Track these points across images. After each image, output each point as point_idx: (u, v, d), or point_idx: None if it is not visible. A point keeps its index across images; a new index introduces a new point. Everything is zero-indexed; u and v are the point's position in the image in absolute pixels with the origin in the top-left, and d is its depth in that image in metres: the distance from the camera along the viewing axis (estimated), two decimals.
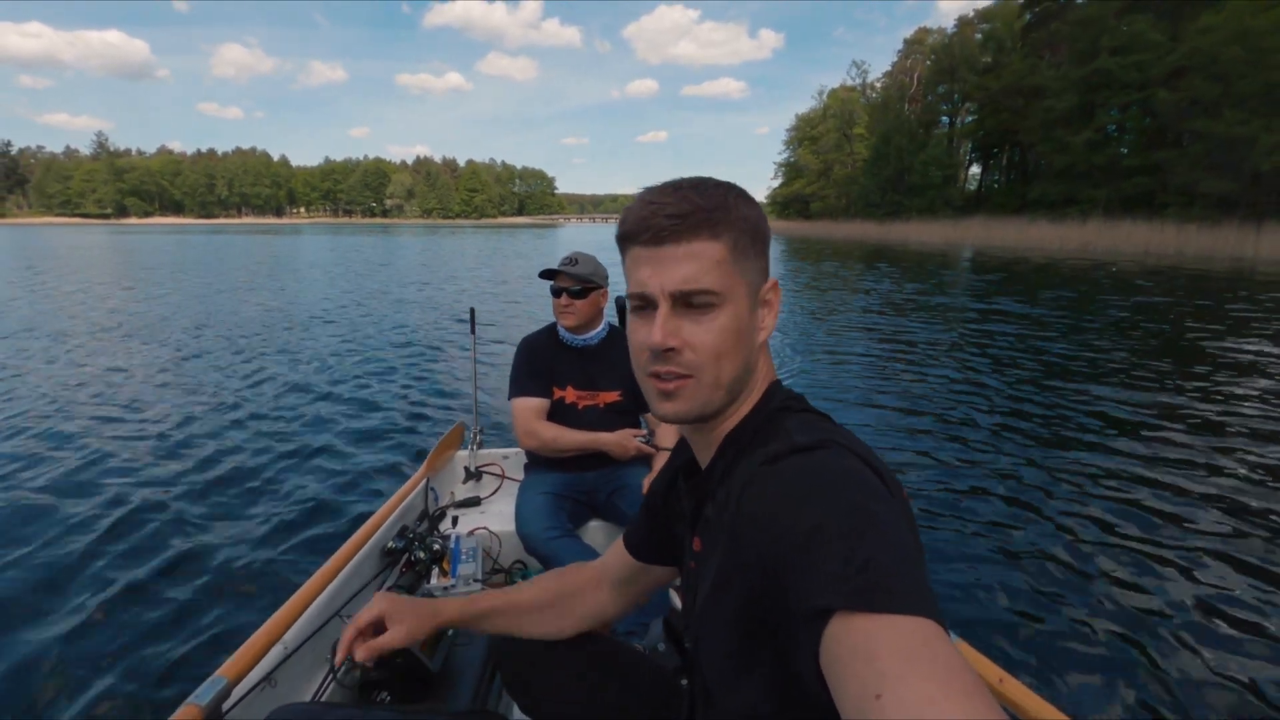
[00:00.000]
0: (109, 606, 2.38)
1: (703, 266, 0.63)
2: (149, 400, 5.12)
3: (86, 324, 8.80)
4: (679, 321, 0.64)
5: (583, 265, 1.96)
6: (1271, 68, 23.72)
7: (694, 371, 0.65)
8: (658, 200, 0.64)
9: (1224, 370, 6.32)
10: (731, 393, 0.67)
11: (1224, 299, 11.77)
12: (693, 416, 0.67)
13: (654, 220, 0.63)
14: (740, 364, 0.67)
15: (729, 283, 0.64)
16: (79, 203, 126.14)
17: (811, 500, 0.52)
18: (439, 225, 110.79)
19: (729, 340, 0.65)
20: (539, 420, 2.00)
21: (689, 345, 0.64)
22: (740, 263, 0.65)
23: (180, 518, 3.07)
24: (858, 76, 60.73)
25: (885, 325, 9.30)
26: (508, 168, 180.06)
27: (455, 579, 1.75)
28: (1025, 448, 4.19)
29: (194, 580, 2.57)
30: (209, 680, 1.08)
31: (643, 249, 0.65)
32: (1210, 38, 25.47)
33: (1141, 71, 29.49)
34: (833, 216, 55.64)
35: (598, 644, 1.02)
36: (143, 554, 2.75)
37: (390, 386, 5.68)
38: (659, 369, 0.66)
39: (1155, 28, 29.46)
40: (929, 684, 0.39)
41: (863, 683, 0.41)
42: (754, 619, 0.59)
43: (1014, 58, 40.11)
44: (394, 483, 3.38)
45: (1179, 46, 27.39)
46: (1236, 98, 24.99)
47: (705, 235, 0.63)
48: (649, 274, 0.65)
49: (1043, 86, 35.18)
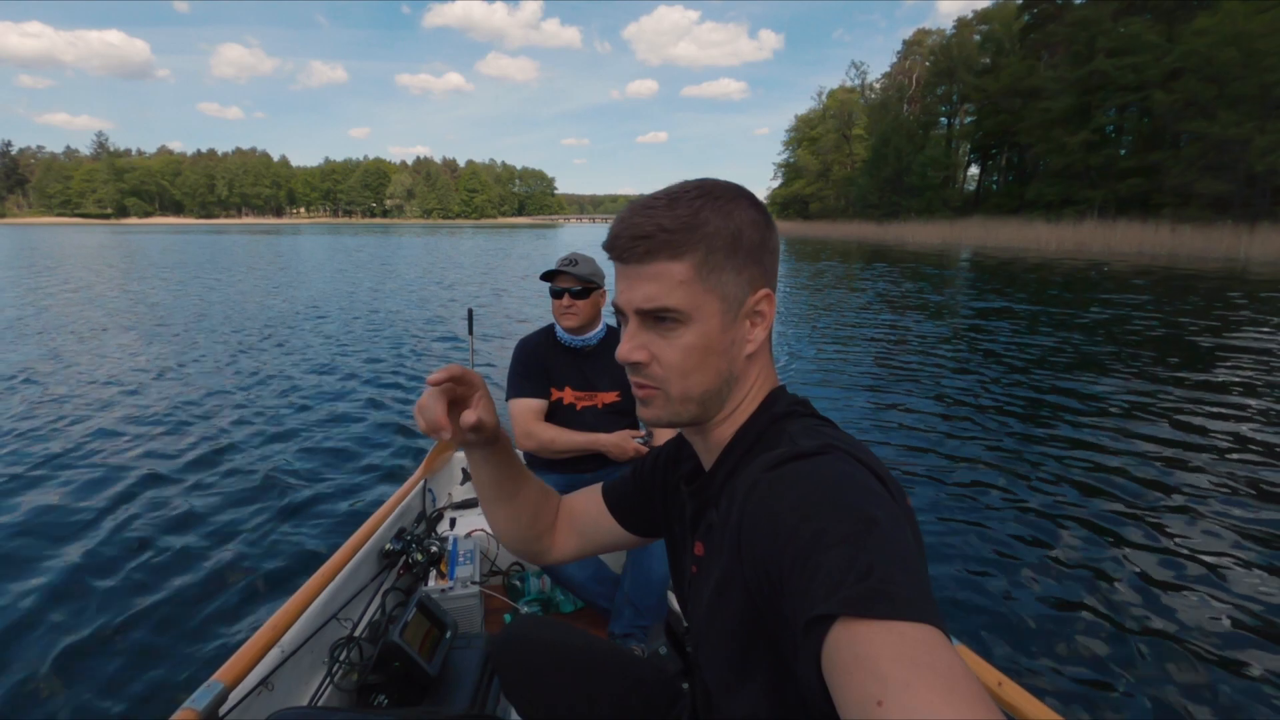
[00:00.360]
0: (104, 611, 2.35)
1: (664, 287, 0.64)
2: (144, 402, 5.10)
3: (87, 324, 8.81)
4: (648, 335, 0.66)
5: (583, 265, 1.97)
6: (1265, 69, 23.94)
7: (660, 384, 0.67)
8: (628, 218, 0.65)
9: (1222, 367, 6.43)
10: (705, 404, 0.68)
11: (1215, 298, 11.91)
12: (664, 423, 0.70)
13: (620, 240, 0.65)
14: (709, 380, 0.67)
15: (695, 301, 0.64)
16: (79, 203, 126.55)
17: (813, 506, 0.52)
18: (439, 225, 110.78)
19: (695, 357, 0.65)
20: (537, 421, 2.00)
21: (656, 359, 0.66)
22: (710, 279, 0.64)
23: (174, 521, 3.06)
24: (857, 78, 60.99)
25: (877, 324, 9.45)
26: (508, 168, 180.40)
27: (453, 581, 1.73)
28: (1021, 447, 4.23)
29: (189, 583, 2.54)
30: (205, 685, 1.07)
31: (616, 264, 0.68)
32: (1205, 40, 25.68)
33: (1138, 73, 29.70)
34: (831, 217, 55.83)
35: (598, 647, 1.03)
36: (136, 556, 2.74)
37: (387, 388, 5.69)
38: (632, 378, 0.69)
39: (1152, 29, 29.71)
40: (931, 691, 0.39)
41: (864, 690, 0.41)
42: (756, 624, 0.59)
43: (1012, 59, 40.35)
44: (391, 485, 3.38)
45: (1175, 48, 27.60)
46: (1231, 99, 25.22)
47: (665, 257, 0.63)
48: (620, 289, 0.68)
49: (1040, 88, 35.41)
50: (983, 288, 14.67)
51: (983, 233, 33.68)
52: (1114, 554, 2.88)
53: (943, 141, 48.32)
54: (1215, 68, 25.37)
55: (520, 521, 0.93)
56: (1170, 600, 2.52)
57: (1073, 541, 3.00)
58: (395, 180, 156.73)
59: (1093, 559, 2.84)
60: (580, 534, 0.97)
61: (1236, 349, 7.33)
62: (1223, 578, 2.67)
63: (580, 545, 0.98)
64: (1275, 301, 11.47)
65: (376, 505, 1.95)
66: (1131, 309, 10.57)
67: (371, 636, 1.50)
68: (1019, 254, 25.46)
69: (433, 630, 1.49)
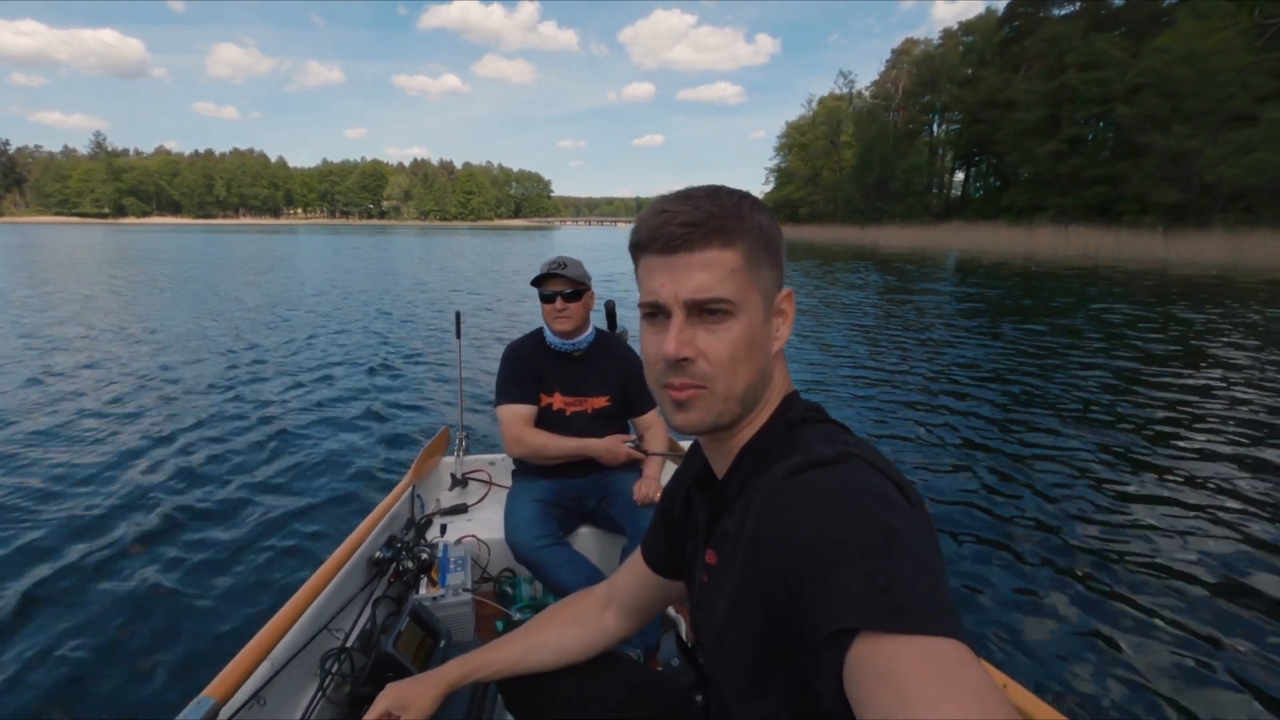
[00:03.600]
0: (89, 627, 2.30)
1: (717, 275, 0.62)
2: (125, 411, 4.95)
3: (79, 327, 8.61)
4: (693, 331, 0.64)
5: (572, 268, 1.95)
6: (1216, 86, 25.64)
7: (707, 382, 0.65)
8: (671, 208, 0.63)
9: (1211, 370, 6.72)
10: (745, 404, 0.67)
11: (1172, 300, 12.79)
12: (706, 427, 0.67)
13: (667, 229, 0.63)
14: (754, 374, 0.66)
15: (743, 292, 0.63)
16: (76, 202, 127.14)
17: (833, 516, 0.51)
18: (436, 227, 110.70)
19: (743, 350, 0.64)
20: (527, 427, 1.98)
21: (703, 355, 0.64)
22: (754, 271, 0.64)
23: (159, 534, 3.00)
24: (845, 86, 62.65)
25: (847, 325, 9.89)
26: (504, 171, 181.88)
27: (445, 588, 1.71)
28: (1022, 446, 4.36)
29: (177, 597, 2.48)
30: (195, 701, 1.05)
31: (656, 258, 0.65)
32: (1163, 58, 27.33)
33: (1103, 87, 31.38)
34: (821, 221, 57.46)
35: (608, 662, 1.00)
36: (120, 571, 2.68)
37: (375, 392, 5.59)
38: (673, 379, 0.65)
39: (1120, 46, 31.39)
40: (955, 709, 0.38)
41: (887, 707, 0.40)
42: (774, 636, 0.58)
43: (990, 71, 42.04)
44: (380, 491, 3.31)
45: (1137, 65, 29.25)
46: (1185, 114, 26.86)
47: (719, 243, 0.62)
48: (662, 283, 0.64)
49: (1015, 99, 37.07)
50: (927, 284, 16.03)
51: (953, 237, 35.49)
52: (1116, 554, 2.88)
53: (925, 149, 49.90)
54: (1171, 84, 27.02)
55: (549, 662, 0.95)
56: (1174, 602, 2.53)
57: (1072, 541, 3.02)
58: (393, 182, 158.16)
59: (1095, 559, 2.85)
60: (633, 606, 0.97)
61: (1220, 353, 7.54)
62: (1221, 576, 2.69)
63: (638, 615, 0.98)
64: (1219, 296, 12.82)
65: (365, 513, 1.92)
66: (1081, 308, 11.76)
67: (363, 647, 1.49)
68: (975, 256, 27.28)
69: (426, 640, 1.49)
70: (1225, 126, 25.86)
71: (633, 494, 1.89)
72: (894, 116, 53.71)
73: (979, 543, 3.02)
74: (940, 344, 8.15)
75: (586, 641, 0.97)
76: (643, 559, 0.94)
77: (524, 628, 0.99)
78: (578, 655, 0.96)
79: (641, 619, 0.99)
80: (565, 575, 1.73)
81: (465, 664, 0.95)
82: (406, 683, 0.93)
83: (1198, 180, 26.45)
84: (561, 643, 0.96)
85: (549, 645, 0.96)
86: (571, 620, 0.99)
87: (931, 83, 49.47)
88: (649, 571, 0.93)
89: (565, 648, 0.96)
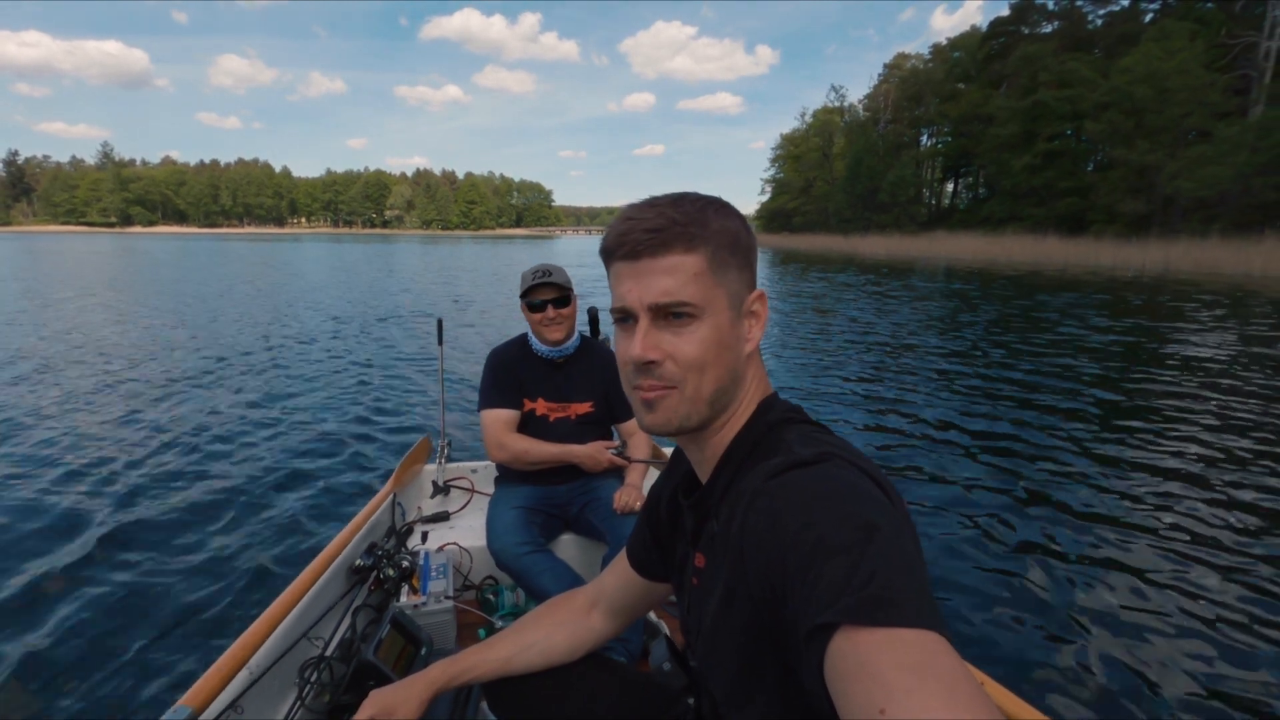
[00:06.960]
0: (64, 636, 2.26)
1: (680, 280, 0.64)
2: (104, 418, 4.95)
3: (54, 338, 8.47)
4: (660, 334, 0.66)
5: (557, 274, 1.95)
6: (1175, 104, 27.38)
7: (675, 383, 0.66)
8: (636, 216, 0.66)
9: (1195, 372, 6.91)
10: (714, 405, 0.69)
11: (1135, 301, 13.65)
12: (674, 428, 0.68)
13: (631, 235, 0.65)
14: (723, 375, 0.68)
15: (707, 295, 0.65)
16: (84, 211, 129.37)
17: (814, 515, 0.53)
18: (438, 236, 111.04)
19: (710, 351, 0.66)
20: (509, 433, 1.97)
21: (670, 357, 0.66)
22: (719, 274, 0.66)
23: (137, 541, 2.97)
24: (836, 100, 64.49)
25: (830, 329, 10.35)
26: (506, 180, 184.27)
27: (426, 596, 1.71)
28: (1000, 445, 4.46)
29: (153, 605, 2.45)
30: (172, 709, 1.04)
31: (623, 264, 0.67)
32: (1127, 77, 29.02)
33: (1073, 104, 33.08)
34: (814, 230, 59.18)
35: (597, 663, 1.01)
36: (97, 577, 2.65)
37: (355, 400, 5.59)
38: (642, 381, 0.67)
39: (1092, 65, 33.13)
40: (933, 698, 0.39)
41: (867, 697, 0.41)
42: (761, 634, 0.59)
43: (973, 87, 43.80)
44: (361, 499, 3.29)
45: (1105, 83, 30.93)
46: (1147, 130, 28.54)
47: (681, 249, 0.64)
48: (629, 288, 0.66)
49: (993, 114, 38.82)
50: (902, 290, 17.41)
51: (932, 245, 37.28)
52: (1095, 551, 2.93)
53: (913, 162, 51.59)
54: (1134, 102, 28.70)
55: (534, 663, 0.96)
56: (1153, 598, 2.57)
57: (1053, 541, 3.05)
58: (395, 192, 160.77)
59: (1073, 557, 2.88)
60: (619, 607, 0.99)
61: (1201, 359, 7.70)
62: (1205, 576, 2.71)
63: (623, 616, 1.00)
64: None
65: (345, 521, 1.91)
66: (1050, 309, 12.81)
67: (343, 655, 1.47)
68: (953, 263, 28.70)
69: (408, 648, 1.49)
70: (1186, 142, 27.54)
71: (614, 501, 1.91)
72: (884, 129, 55.46)
73: (958, 540, 3.07)
74: (908, 349, 8.41)
75: (573, 642, 0.98)
76: (628, 561, 0.96)
77: (510, 630, 1.00)
78: (564, 656, 0.97)
79: (626, 620, 1.01)
80: (547, 582, 1.72)
81: (451, 666, 0.95)
82: (391, 688, 0.93)
83: (1161, 193, 28.07)
84: (549, 644, 0.97)
85: (536, 647, 0.97)
86: (557, 622, 1.00)
87: (918, 97, 51.32)
88: (634, 573, 0.95)
89: (552, 649, 0.97)
